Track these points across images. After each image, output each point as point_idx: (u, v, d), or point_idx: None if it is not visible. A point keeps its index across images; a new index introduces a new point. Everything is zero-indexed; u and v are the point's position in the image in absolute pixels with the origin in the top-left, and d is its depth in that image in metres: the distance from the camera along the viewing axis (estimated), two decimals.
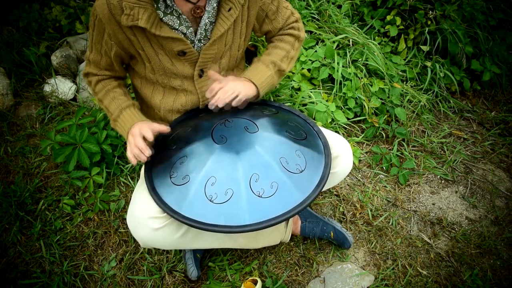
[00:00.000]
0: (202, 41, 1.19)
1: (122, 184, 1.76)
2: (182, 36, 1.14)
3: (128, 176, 1.77)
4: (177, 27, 1.12)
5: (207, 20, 1.15)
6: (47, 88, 2.12)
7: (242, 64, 1.41)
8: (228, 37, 1.22)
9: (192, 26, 1.15)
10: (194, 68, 1.22)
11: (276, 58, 1.29)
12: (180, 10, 1.10)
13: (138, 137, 1.12)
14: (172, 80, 1.23)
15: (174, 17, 1.10)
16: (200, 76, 1.24)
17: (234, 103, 1.16)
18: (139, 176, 1.74)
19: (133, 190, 1.72)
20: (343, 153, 1.29)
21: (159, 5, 1.08)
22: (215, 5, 1.13)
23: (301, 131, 1.21)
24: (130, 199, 1.59)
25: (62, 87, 2.12)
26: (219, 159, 1.07)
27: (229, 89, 1.15)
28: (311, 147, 1.16)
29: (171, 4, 1.08)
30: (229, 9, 1.15)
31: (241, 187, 1.02)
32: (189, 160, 1.10)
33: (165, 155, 1.16)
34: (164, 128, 1.16)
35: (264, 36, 1.40)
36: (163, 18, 1.10)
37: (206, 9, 1.13)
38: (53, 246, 1.58)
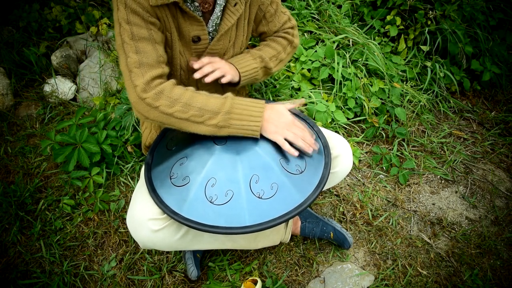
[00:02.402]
0: (211, 34, 1.20)
1: (122, 184, 1.76)
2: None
3: (128, 176, 1.77)
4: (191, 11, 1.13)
5: (219, 13, 1.16)
6: (47, 88, 2.12)
7: None
8: (232, 33, 1.24)
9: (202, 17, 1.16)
10: None
11: (265, 55, 1.30)
12: None
13: (297, 121, 1.10)
14: (178, 73, 1.23)
15: (188, 3, 1.10)
16: None
17: (210, 79, 1.17)
18: (139, 176, 1.74)
19: (133, 190, 1.72)
20: (343, 153, 1.30)
21: None
22: None
23: None
24: (130, 199, 1.59)
25: (62, 87, 2.12)
26: (219, 160, 1.07)
27: (217, 66, 1.18)
28: None
29: None
30: (235, 4, 1.17)
31: (241, 188, 1.02)
32: (189, 161, 1.09)
33: (165, 156, 1.16)
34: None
35: (259, 37, 1.42)
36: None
37: (218, 2, 1.14)
38: (53, 246, 1.58)
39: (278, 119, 1.08)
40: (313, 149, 1.11)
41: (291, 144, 1.08)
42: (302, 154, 1.12)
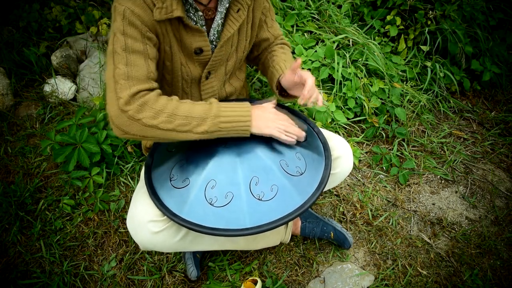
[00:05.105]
0: (214, 42, 1.19)
1: (122, 184, 1.76)
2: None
3: (128, 176, 1.77)
4: (193, 24, 1.12)
5: (219, 21, 1.15)
6: (47, 88, 2.11)
7: (243, 66, 1.42)
8: (234, 39, 1.22)
9: (205, 26, 1.15)
10: (202, 70, 1.22)
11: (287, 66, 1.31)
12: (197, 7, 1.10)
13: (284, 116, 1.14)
14: (179, 83, 1.23)
15: (191, 14, 1.10)
16: (207, 78, 1.25)
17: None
18: (139, 176, 1.74)
19: (133, 190, 1.72)
20: (343, 154, 1.30)
21: None
22: (227, 5, 1.13)
23: None
24: (130, 199, 1.59)
25: (62, 87, 2.12)
26: (219, 162, 1.07)
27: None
28: (311, 149, 1.16)
29: (191, 1, 1.07)
30: (238, 10, 1.15)
31: (241, 190, 1.02)
32: (189, 163, 1.09)
33: (165, 158, 1.16)
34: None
35: (257, 46, 1.38)
36: None
37: (218, 10, 1.12)
38: (53, 246, 1.58)
39: (265, 115, 1.11)
40: (303, 135, 1.15)
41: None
42: (301, 156, 1.12)
